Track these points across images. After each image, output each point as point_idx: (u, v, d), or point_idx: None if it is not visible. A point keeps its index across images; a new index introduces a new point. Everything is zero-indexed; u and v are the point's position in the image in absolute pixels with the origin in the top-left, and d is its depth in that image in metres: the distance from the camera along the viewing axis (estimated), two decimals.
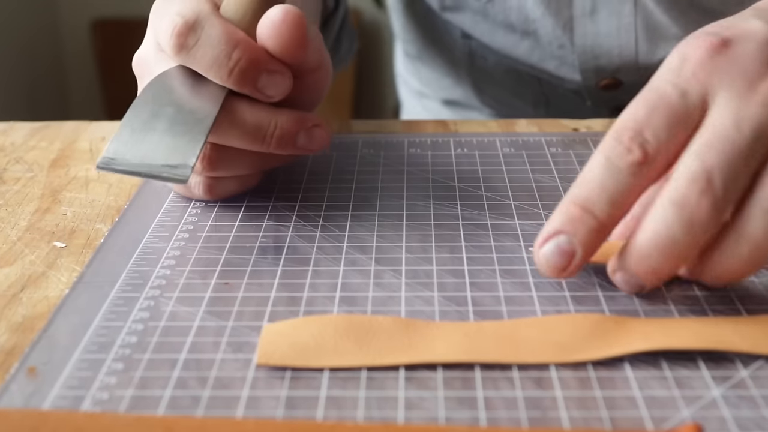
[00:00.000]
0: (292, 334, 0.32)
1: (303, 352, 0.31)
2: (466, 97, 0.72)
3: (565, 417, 0.28)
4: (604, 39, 0.59)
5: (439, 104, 0.76)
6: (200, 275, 0.37)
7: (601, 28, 0.58)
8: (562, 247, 0.32)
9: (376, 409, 0.28)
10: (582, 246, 0.32)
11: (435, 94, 0.76)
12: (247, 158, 0.41)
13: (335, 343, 0.31)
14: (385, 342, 0.31)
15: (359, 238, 0.39)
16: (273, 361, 0.30)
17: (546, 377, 0.30)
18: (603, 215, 0.32)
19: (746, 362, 0.30)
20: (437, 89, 0.75)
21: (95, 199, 0.45)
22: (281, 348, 0.31)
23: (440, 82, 0.74)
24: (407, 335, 0.32)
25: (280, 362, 0.30)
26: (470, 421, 0.28)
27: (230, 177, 0.42)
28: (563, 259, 0.32)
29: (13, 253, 0.39)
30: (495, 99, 0.70)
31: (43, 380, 0.30)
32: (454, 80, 0.72)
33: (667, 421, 0.28)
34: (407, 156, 0.49)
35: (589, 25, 0.58)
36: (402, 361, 0.30)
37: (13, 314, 0.34)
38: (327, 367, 0.30)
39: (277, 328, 0.32)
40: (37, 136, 0.53)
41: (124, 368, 0.31)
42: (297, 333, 0.32)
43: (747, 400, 0.28)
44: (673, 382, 0.29)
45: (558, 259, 0.32)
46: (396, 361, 0.30)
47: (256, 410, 0.28)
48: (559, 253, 0.32)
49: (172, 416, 0.28)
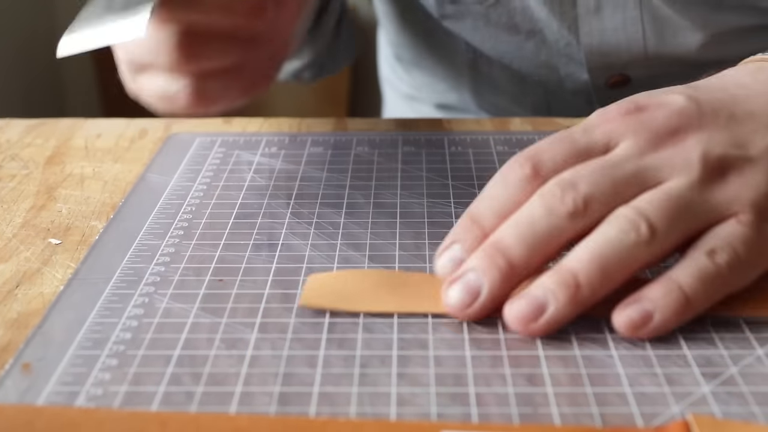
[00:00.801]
0: (333, 283, 0.35)
1: (342, 298, 0.34)
2: (462, 101, 0.72)
3: (556, 413, 0.28)
4: (610, 35, 0.58)
5: (432, 108, 0.75)
6: (195, 272, 0.37)
7: (606, 24, 0.58)
8: (455, 255, 0.34)
9: (369, 406, 0.29)
10: (468, 252, 0.34)
11: (427, 98, 0.75)
12: (226, 44, 0.40)
13: (372, 292, 0.34)
14: (416, 293, 0.34)
15: (353, 236, 0.40)
16: (314, 303, 0.34)
17: (537, 374, 0.30)
18: (488, 224, 0.34)
19: (736, 359, 0.31)
20: (431, 93, 0.74)
21: (90, 196, 0.45)
22: (323, 293, 0.34)
23: (435, 87, 0.73)
24: (434, 287, 0.34)
25: (320, 305, 0.34)
26: (462, 418, 0.28)
27: (218, 78, 0.40)
28: (455, 265, 0.34)
29: (8, 249, 0.39)
30: (494, 105, 0.70)
31: (37, 376, 0.30)
32: (451, 85, 0.71)
33: (657, 418, 0.28)
34: (401, 154, 0.49)
35: (595, 22, 0.58)
36: (431, 310, 0.33)
37: (8, 310, 0.35)
38: (364, 311, 0.33)
39: (320, 276, 0.35)
40: (32, 133, 0.53)
41: (119, 364, 0.31)
42: (338, 282, 0.35)
43: (736, 397, 0.29)
44: (663, 379, 0.30)
45: (452, 267, 0.34)
46: (425, 309, 0.33)
47: (250, 406, 0.29)
48: (452, 263, 0.34)
49: (166, 412, 0.28)
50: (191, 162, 0.48)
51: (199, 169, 0.47)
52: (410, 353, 0.31)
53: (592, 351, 0.31)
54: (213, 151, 0.50)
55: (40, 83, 2.06)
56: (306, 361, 0.31)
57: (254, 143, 0.50)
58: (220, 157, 0.49)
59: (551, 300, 0.32)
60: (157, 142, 0.52)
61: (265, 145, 0.50)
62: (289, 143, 0.50)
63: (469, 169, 0.47)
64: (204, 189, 0.45)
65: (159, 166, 0.48)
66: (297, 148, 0.50)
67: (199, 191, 0.45)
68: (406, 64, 0.75)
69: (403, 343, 0.32)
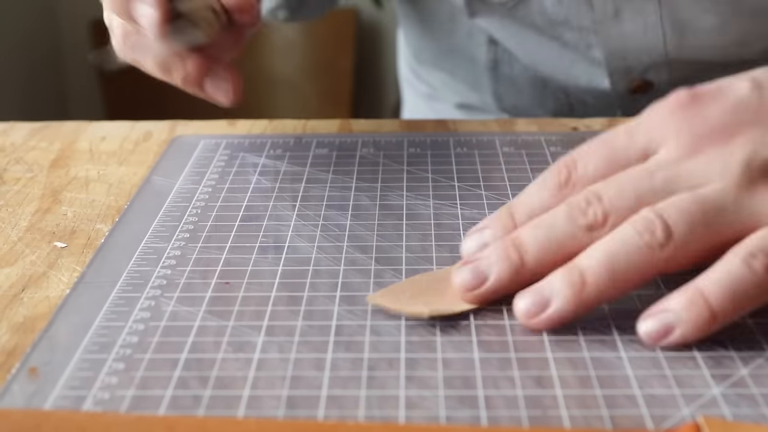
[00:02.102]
0: (396, 288, 0.35)
1: (402, 300, 0.34)
2: (482, 102, 0.71)
3: (566, 416, 0.28)
4: (630, 39, 0.58)
5: (452, 107, 0.75)
6: (201, 275, 0.37)
7: (626, 29, 0.57)
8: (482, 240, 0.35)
9: (377, 409, 0.28)
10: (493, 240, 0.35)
11: (448, 98, 0.75)
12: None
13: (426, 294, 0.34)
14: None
15: (359, 238, 0.40)
16: (376, 301, 0.34)
17: (546, 376, 0.30)
18: (518, 220, 0.35)
19: (746, 361, 0.30)
20: (451, 94, 0.74)
21: (95, 199, 0.45)
22: (386, 294, 0.34)
23: (456, 87, 0.73)
24: None
25: (382, 303, 0.34)
26: (471, 420, 0.28)
27: None
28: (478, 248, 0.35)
29: (13, 253, 0.39)
30: (515, 107, 0.70)
31: (44, 380, 0.30)
32: (471, 86, 0.71)
33: (667, 420, 0.28)
34: (407, 155, 0.49)
35: (614, 27, 0.57)
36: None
37: (14, 314, 0.34)
38: (417, 313, 0.33)
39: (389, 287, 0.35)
40: (37, 137, 0.53)
41: (125, 368, 0.31)
42: (400, 287, 0.35)
43: (747, 399, 0.29)
44: (673, 381, 0.29)
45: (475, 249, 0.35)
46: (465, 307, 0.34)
47: (258, 410, 0.28)
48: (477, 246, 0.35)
49: (174, 416, 0.28)
50: (196, 164, 0.48)
51: (204, 172, 0.47)
52: (418, 356, 0.31)
53: (601, 353, 0.31)
54: (218, 154, 0.50)
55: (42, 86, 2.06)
56: (314, 364, 0.31)
57: (259, 145, 0.50)
58: (225, 159, 0.49)
59: (555, 296, 0.32)
60: (161, 145, 0.52)
61: (270, 147, 0.50)
62: (294, 145, 0.50)
63: (474, 170, 0.46)
64: (209, 191, 0.45)
65: (164, 168, 0.48)
66: (302, 150, 0.50)
67: (204, 194, 0.45)
68: (426, 64, 0.75)
69: (411, 345, 0.32)
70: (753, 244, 0.30)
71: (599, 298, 0.32)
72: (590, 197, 0.33)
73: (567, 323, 0.32)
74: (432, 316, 0.33)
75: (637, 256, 0.31)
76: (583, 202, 0.33)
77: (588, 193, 0.34)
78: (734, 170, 0.32)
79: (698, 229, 0.31)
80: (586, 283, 0.31)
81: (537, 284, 0.33)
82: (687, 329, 0.30)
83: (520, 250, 0.33)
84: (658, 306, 0.31)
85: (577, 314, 0.32)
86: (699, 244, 0.31)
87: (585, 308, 0.32)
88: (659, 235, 0.31)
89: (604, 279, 0.31)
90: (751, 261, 0.30)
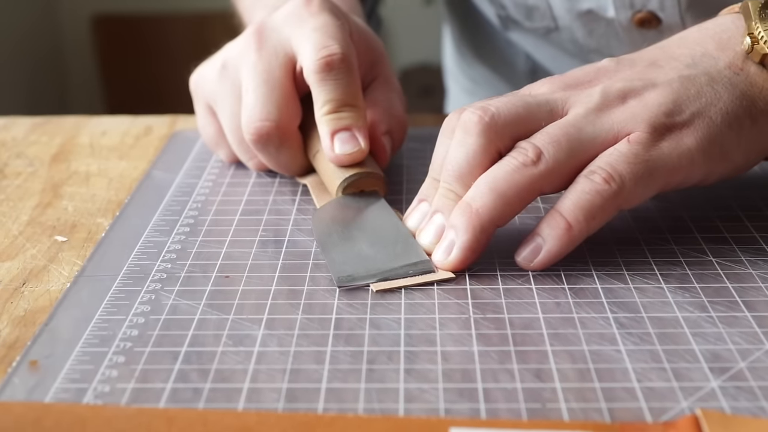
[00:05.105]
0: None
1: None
2: None
3: (565, 409, 0.28)
4: None
5: None
6: (201, 269, 0.37)
7: None
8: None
9: (377, 402, 0.28)
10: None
11: (487, 93, 0.76)
12: None
13: None
14: None
15: None
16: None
17: (545, 369, 0.30)
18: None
19: (744, 354, 0.31)
20: (490, 89, 0.75)
21: (96, 193, 0.45)
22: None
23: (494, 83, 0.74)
24: None
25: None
26: (470, 413, 0.28)
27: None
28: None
29: (14, 247, 0.39)
30: None
31: (45, 373, 0.30)
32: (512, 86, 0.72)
33: (666, 413, 0.28)
34: (407, 149, 0.49)
35: None
36: None
37: (15, 308, 0.35)
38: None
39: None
40: (38, 131, 0.53)
41: (126, 361, 0.31)
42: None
43: (745, 391, 0.29)
44: (672, 374, 0.30)
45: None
46: None
47: (258, 403, 0.29)
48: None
49: (174, 409, 0.28)
50: (196, 159, 0.48)
51: (205, 166, 0.47)
52: (418, 349, 0.31)
53: (599, 346, 0.31)
54: None
55: (43, 81, 2.06)
56: (313, 358, 0.31)
57: None
58: None
59: (455, 231, 0.35)
60: (162, 139, 0.52)
61: None
62: None
63: None
64: (209, 186, 0.45)
65: (164, 163, 0.48)
66: None
67: (204, 188, 0.45)
68: (467, 58, 0.77)
69: (411, 339, 0.32)
70: (595, 163, 0.36)
71: (491, 218, 0.35)
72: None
73: (475, 249, 0.35)
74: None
75: (513, 175, 0.35)
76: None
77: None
78: (593, 97, 0.37)
79: (563, 147, 0.36)
80: (473, 207, 0.35)
81: (441, 231, 0.37)
82: (550, 245, 0.35)
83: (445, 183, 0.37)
84: (530, 234, 0.36)
85: (479, 240, 0.35)
86: (568, 162, 0.36)
87: (482, 232, 0.35)
88: (530, 155, 0.35)
89: (490, 200, 0.35)
90: (591, 176, 0.35)
